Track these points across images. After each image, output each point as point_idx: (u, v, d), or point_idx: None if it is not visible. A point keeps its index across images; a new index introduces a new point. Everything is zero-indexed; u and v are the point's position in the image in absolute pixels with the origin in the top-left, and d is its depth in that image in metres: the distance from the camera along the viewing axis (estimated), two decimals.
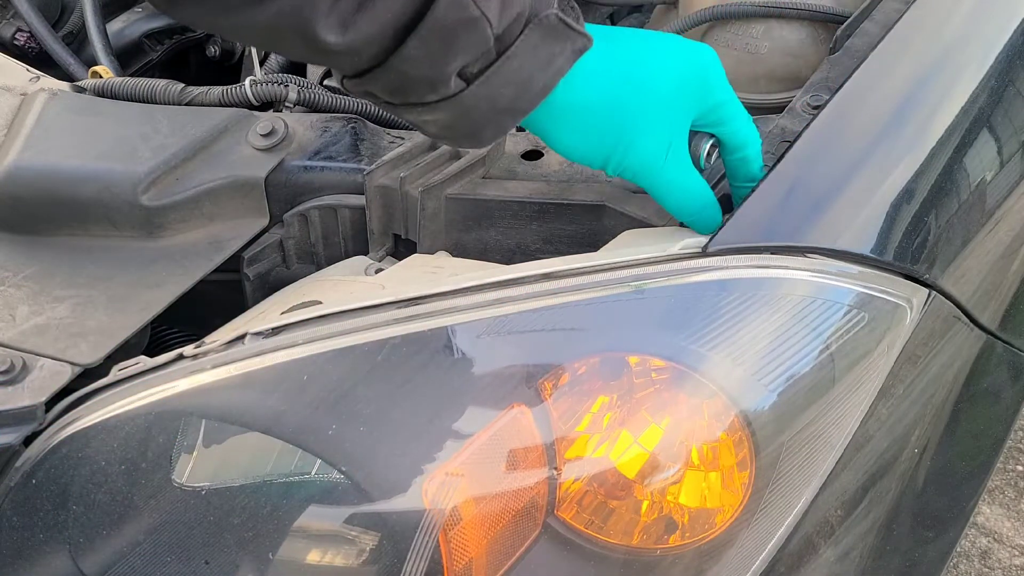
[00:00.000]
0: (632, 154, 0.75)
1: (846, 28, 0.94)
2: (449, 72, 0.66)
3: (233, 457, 0.71)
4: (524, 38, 0.67)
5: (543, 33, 0.68)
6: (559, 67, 0.70)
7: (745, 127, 0.79)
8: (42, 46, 1.31)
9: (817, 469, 0.74)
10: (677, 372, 0.69)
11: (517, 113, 0.71)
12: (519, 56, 0.67)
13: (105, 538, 0.71)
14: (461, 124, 0.70)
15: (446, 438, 0.67)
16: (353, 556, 0.67)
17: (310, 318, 0.73)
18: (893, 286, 0.77)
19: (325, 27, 0.61)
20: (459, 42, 0.64)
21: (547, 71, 0.69)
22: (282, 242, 0.97)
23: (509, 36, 0.66)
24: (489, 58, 0.67)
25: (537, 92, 0.70)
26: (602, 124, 0.74)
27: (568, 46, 0.70)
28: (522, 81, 0.68)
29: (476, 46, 0.65)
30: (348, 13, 0.61)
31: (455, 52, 0.65)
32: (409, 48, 0.64)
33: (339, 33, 0.62)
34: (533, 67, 0.68)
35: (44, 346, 0.82)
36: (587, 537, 0.69)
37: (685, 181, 0.77)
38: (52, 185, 0.92)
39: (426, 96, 0.67)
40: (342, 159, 0.96)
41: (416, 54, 0.64)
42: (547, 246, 0.88)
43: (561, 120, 0.74)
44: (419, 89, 0.67)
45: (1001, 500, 1.91)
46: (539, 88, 0.70)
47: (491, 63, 0.67)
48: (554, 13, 0.68)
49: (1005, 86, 0.90)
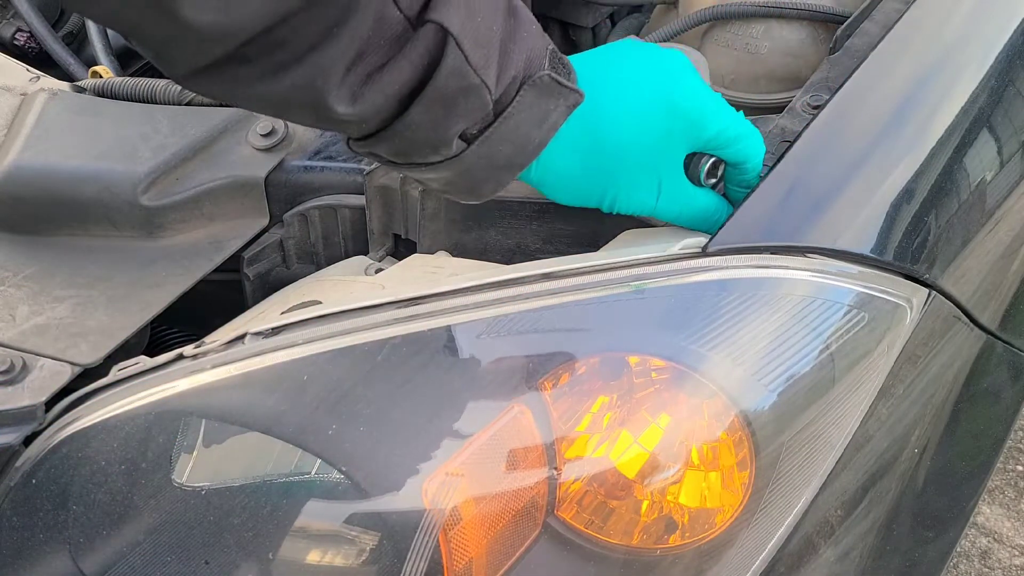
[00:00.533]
0: (621, 202, 0.78)
1: (846, 28, 0.94)
2: (451, 136, 0.69)
3: (233, 457, 0.71)
4: (520, 99, 0.70)
5: (537, 93, 0.70)
6: (554, 122, 0.72)
7: (740, 147, 0.78)
8: (42, 46, 1.31)
9: (817, 469, 0.74)
10: (677, 372, 0.69)
11: (515, 168, 0.73)
12: (515, 116, 0.70)
13: (105, 538, 0.71)
14: (462, 181, 0.73)
15: (446, 438, 0.67)
16: (353, 556, 0.67)
17: (310, 318, 0.73)
18: (893, 286, 0.77)
19: (336, 99, 0.63)
20: (460, 108, 0.67)
21: (542, 127, 0.72)
22: (282, 242, 0.97)
23: (506, 98, 0.69)
24: (488, 120, 0.70)
25: (533, 148, 0.73)
26: (583, 187, 0.77)
27: (561, 102, 0.72)
28: (519, 139, 0.71)
29: (476, 111, 0.68)
30: (357, 85, 0.64)
31: (456, 117, 0.68)
32: (413, 115, 0.66)
33: (349, 104, 0.64)
34: (529, 125, 0.71)
35: (44, 346, 0.82)
36: (587, 537, 0.69)
37: (682, 212, 0.78)
38: (52, 185, 0.92)
39: (429, 157, 0.70)
40: (342, 159, 0.96)
41: (420, 120, 0.67)
42: (547, 246, 0.88)
43: (545, 186, 0.78)
44: (422, 151, 0.70)
45: (1001, 500, 1.92)
46: (535, 144, 0.72)
47: (489, 124, 0.70)
48: (547, 74, 0.70)
49: (1005, 86, 0.90)
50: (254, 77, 0.63)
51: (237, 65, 0.62)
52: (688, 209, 0.78)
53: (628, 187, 0.76)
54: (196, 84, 0.65)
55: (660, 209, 0.78)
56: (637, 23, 1.33)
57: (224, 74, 0.62)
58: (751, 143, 0.78)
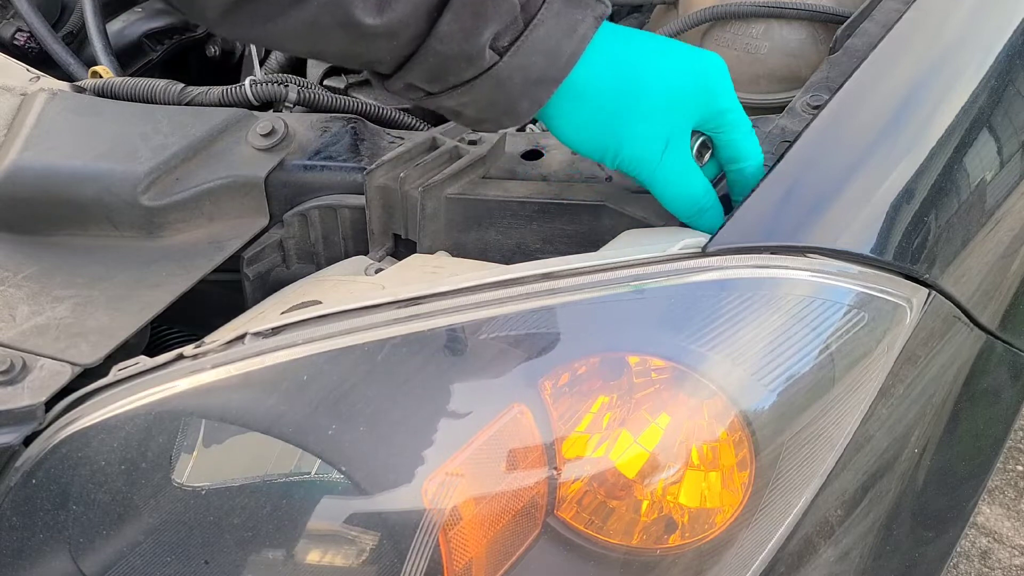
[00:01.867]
0: (627, 148, 0.77)
1: (846, 28, 0.94)
2: (482, 44, 0.70)
3: (233, 457, 0.71)
4: (547, 6, 0.71)
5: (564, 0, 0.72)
6: (583, 33, 0.74)
7: (744, 140, 0.80)
8: (42, 46, 1.31)
9: (817, 469, 0.74)
10: (677, 372, 0.69)
11: (550, 82, 0.74)
12: (545, 24, 0.71)
13: (105, 538, 0.71)
14: (499, 99, 0.74)
15: (446, 438, 0.67)
16: (353, 556, 0.67)
17: (310, 318, 0.73)
18: (893, 286, 0.77)
19: (363, 11, 0.65)
20: (488, 11, 0.69)
21: (572, 38, 0.73)
22: (282, 242, 0.97)
23: (533, 5, 0.71)
24: (517, 28, 0.71)
25: (566, 60, 0.74)
26: (600, 117, 0.77)
27: (588, 13, 0.74)
28: (550, 49, 0.72)
29: (504, 14, 0.69)
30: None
31: (485, 22, 0.69)
32: (443, 25, 0.68)
33: (376, 15, 0.66)
34: (559, 34, 0.72)
35: (44, 346, 0.82)
36: (587, 537, 0.69)
37: (681, 180, 0.78)
38: (52, 185, 0.92)
39: (464, 74, 0.71)
40: (342, 159, 0.96)
41: (450, 29, 0.68)
42: (547, 246, 0.88)
43: (564, 110, 0.77)
44: (456, 68, 0.71)
45: (1001, 500, 1.91)
46: (567, 56, 0.73)
47: (520, 33, 0.71)
48: None
49: (1005, 86, 0.90)
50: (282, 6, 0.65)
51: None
52: (683, 179, 0.78)
53: (640, 131, 0.77)
54: (229, 25, 0.67)
55: (661, 168, 0.78)
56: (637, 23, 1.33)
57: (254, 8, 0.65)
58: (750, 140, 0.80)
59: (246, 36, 0.70)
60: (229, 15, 0.66)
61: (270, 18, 0.66)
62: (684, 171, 0.78)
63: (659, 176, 0.78)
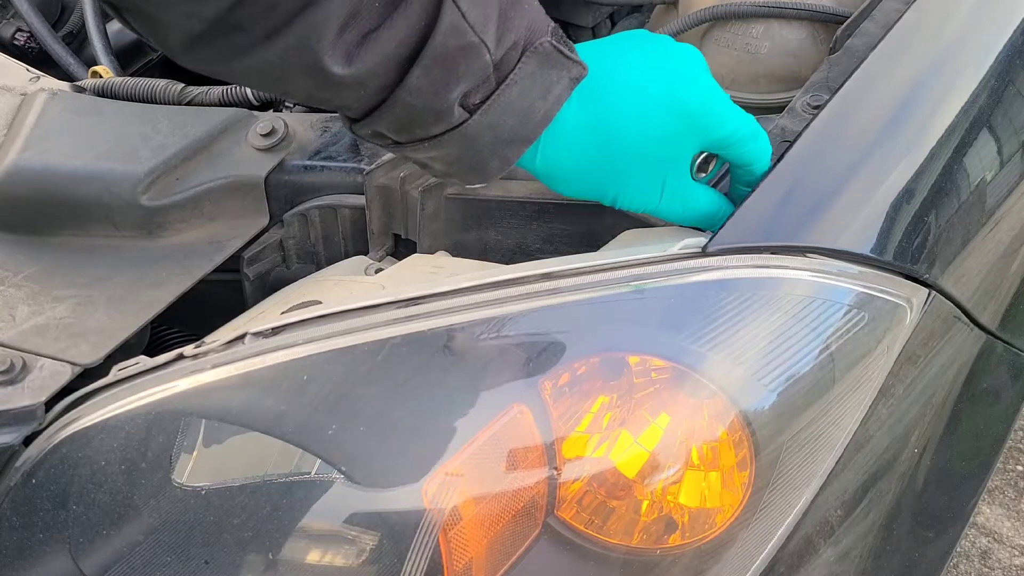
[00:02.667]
0: (623, 197, 0.77)
1: (846, 28, 0.94)
2: (452, 100, 0.68)
3: (233, 457, 0.71)
4: (522, 66, 0.69)
5: (539, 61, 0.70)
6: (558, 95, 0.71)
7: (751, 147, 0.77)
8: (42, 46, 1.31)
9: (817, 469, 0.74)
10: (677, 372, 0.69)
11: (520, 142, 0.72)
12: (518, 84, 0.69)
13: (105, 538, 0.71)
14: (467, 156, 0.72)
15: (446, 438, 0.67)
16: (353, 556, 0.67)
17: (310, 318, 0.73)
18: (893, 286, 0.77)
19: (331, 59, 0.63)
20: (460, 68, 0.67)
21: (547, 99, 0.71)
22: (282, 242, 0.97)
23: (507, 64, 0.69)
24: (490, 87, 0.69)
25: (538, 121, 0.71)
26: (588, 178, 0.76)
27: (565, 74, 0.71)
28: (523, 110, 0.70)
29: (476, 72, 0.67)
30: (353, 45, 0.64)
31: (457, 79, 0.67)
32: (412, 78, 0.66)
33: (345, 65, 0.64)
34: (533, 95, 0.70)
35: (44, 346, 0.81)
36: (587, 537, 0.69)
37: (688, 210, 0.78)
38: (52, 185, 0.92)
39: (431, 129, 0.69)
40: (342, 159, 0.96)
41: (419, 84, 0.66)
42: (547, 246, 0.88)
43: (548, 178, 0.77)
44: (424, 122, 0.69)
45: (1001, 500, 1.91)
46: (540, 116, 0.71)
47: (492, 92, 0.69)
48: (548, 41, 0.70)
49: (1005, 86, 0.90)
50: (249, 43, 0.62)
51: (230, 32, 0.62)
52: (690, 210, 0.78)
53: (632, 185, 0.76)
54: (193, 57, 0.64)
55: (662, 208, 0.77)
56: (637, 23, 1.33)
57: (219, 43, 0.63)
58: (759, 145, 0.78)
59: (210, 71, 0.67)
60: (192, 48, 0.63)
61: (235, 56, 0.64)
62: (687, 201, 0.77)
63: (663, 212, 0.78)
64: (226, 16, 0.61)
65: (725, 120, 0.76)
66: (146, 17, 0.62)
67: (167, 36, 0.63)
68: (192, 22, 0.61)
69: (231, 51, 0.63)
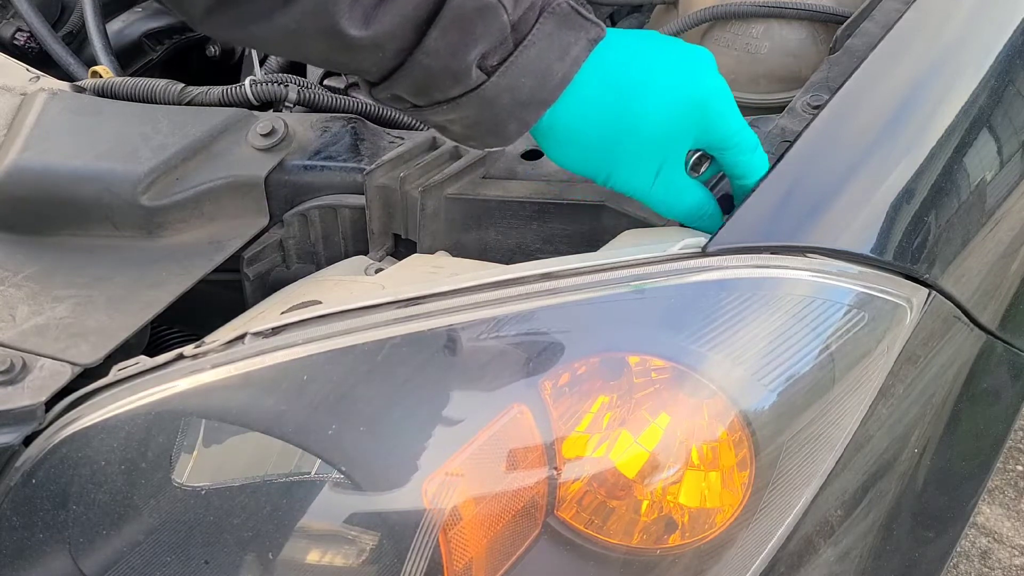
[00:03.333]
0: (618, 175, 0.77)
1: (846, 28, 0.94)
2: (470, 61, 0.68)
3: (233, 457, 0.71)
4: (539, 27, 0.69)
5: (557, 22, 0.70)
6: (576, 56, 0.71)
7: (747, 160, 0.78)
8: (42, 46, 1.31)
9: (817, 469, 0.74)
10: (677, 372, 0.69)
11: (539, 105, 0.72)
12: (536, 45, 0.69)
13: (105, 538, 0.71)
14: (485, 119, 0.72)
15: (446, 438, 0.67)
16: (353, 556, 0.67)
17: (310, 318, 0.73)
18: (893, 286, 0.77)
19: (348, 21, 0.64)
20: (477, 29, 0.67)
21: (564, 60, 0.71)
22: (282, 242, 0.97)
23: (524, 25, 0.69)
24: (507, 48, 0.69)
25: (557, 83, 0.71)
26: (592, 143, 0.76)
27: (583, 35, 0.71)
28: (541, 71, 0.70)
29: (494, 33, 0.67)
30: (370, 7, 0.64)
31: (474, 40, 0.67)
32: (430, 40, 0.66)
33: (362, 27, 0.64)
34: (550, 56, 0.70)
35: (44, 346, 0.81)
36: (587, 537, 0.69)
37: (675, 199, 0.78)
38: (52, 185, 0.92)
39: (450, 91, 0.69)
40: (342, 159, 0.96)
41: (437, 45, 0.66)
42: (547, 246, 0.88)
43: (555, 131, 0.76)
44: (443, 84, 0.69)
45: (1001, 500, 1.91)
46: (558, 78, 0.71)
47: (509, 53, 0.69)
48: (566, 2, 0.70)
49: (1005, 86, 0.90)
50: (268, 7, 0.63)
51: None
52: (679, 201, 0.78)
53: (629, 163, 0.76)
54: (213, 24, 0.65)
55: (653, 193, 0.77)
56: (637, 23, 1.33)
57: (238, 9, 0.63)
58: (755, 159, 0.78)
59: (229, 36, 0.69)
60: (212, 14, 0.64)
61: (253, 21, 0.64)
62: (677, 191, 0.78)
63: (652, 198, 0.78)
64: None
65: (730, 119, 0.76)
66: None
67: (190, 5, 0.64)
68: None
69: (249, 16, 0.64)
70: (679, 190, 0.78)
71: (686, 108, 0.75)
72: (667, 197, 0.78)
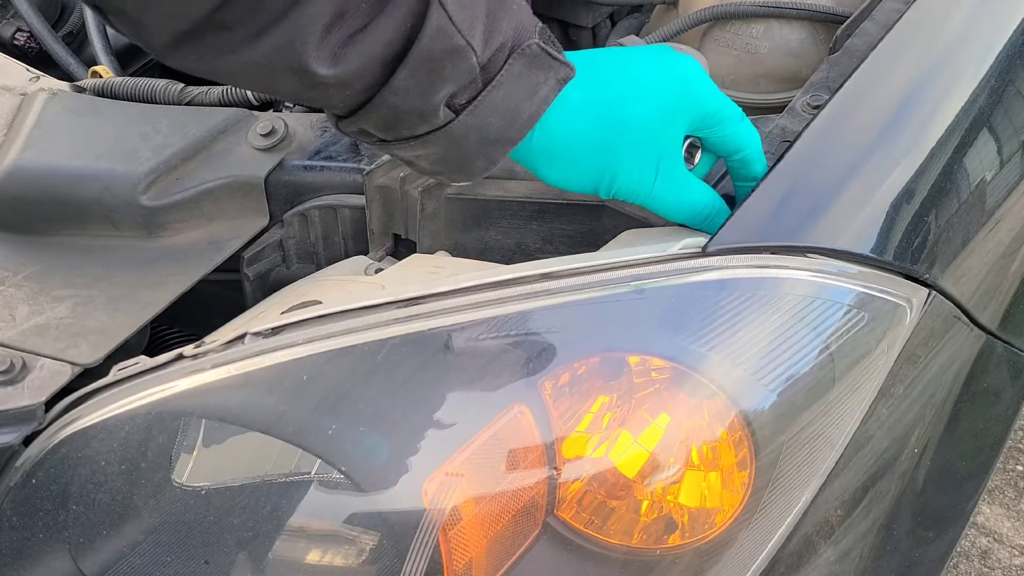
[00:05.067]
0: (618, 182, 0.76)
1: (846, 28, 0.94)
2: (437, 102, 0.68)
3: (233, 457, 0.71)
4: (508, 68, 0.69)
5: (526, 62, 0.70)
6: (544, 96, 0.71)
7: (738, 129, 0.79)
8: (42, 46, 1.31)
9: (817, 469, 0.74)
10: (677, 372, 0.69)
11: (505, 143, 0.72)
12: (504, 85, 0.69)
13: (105, 538, 0.71)
14: (452, 156, 0.72)
15: (446, 438, 0.67)
16: (353, 556, 0.67)
17: (310, 318, 0.73)
18: (893, 286, 0.77)
19: (316, 60, 0.63)
20: (446, 71, 0.66)
21: (533, 100, 0.71)
22: (282, 242, 0.97)
23: (494, 66, 0.69)
24: (476, 88, 0.69)
25: (524, 122, 0.71)
26: (584, 162, 0.76)
27: (551, 75, 0.71)
28: (509, 111, 0.70)
29: (462, 75, 0.67)
30: (338, 46, 0.63)
31: (443, 81, 0.67)
32: (398, 79, 0.65)
33: (330, 65, 0.63)
34: (519, 96, 0.70)
35: (44, 346, 0.82)
36: (587, 537, 0.69)
37: (682, 198, 0.78)
38: (52, 185, 0.92)
39: (416, 128, 0.69)
40: (342, 159, 0.96)
41: (405, 85, 0.66)
42: (547, 246, 0.88)
43: (545, 157, 0.76)
44: (409, 122, 0.69)
45: (1001, 500, 1.91)
46: (526, 118, 0.71)
47: (478, 93, 0.69)
48: (536, 43, 0.70)
49: (1005, 86, 0.90)
50: (235, 42, 0.62)
51: (216, 32, 0.62)
52: (684, 198, 0.78)
53: (629, 165, 0.76)
54: (179, 56, 0.64)
55: (656, 193, 0.77)
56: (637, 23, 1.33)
57: (205, 42, 0.62)
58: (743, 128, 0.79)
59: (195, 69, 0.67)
60: (178, 48, 0.63)
61: (220, 54, 0.63)
62: (680, 187, 0.77)
63: (656, 199, 0.77)
64: (212, 15, 0.61)
65: (713, 91, 0.78)
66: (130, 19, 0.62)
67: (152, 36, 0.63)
68: (178, 22, 0.61)
69: (216, 50, 0.63)
70: (682, 186, 0.77)
71: (674, 90, 0.75)
72: (672, 195, 0.77)
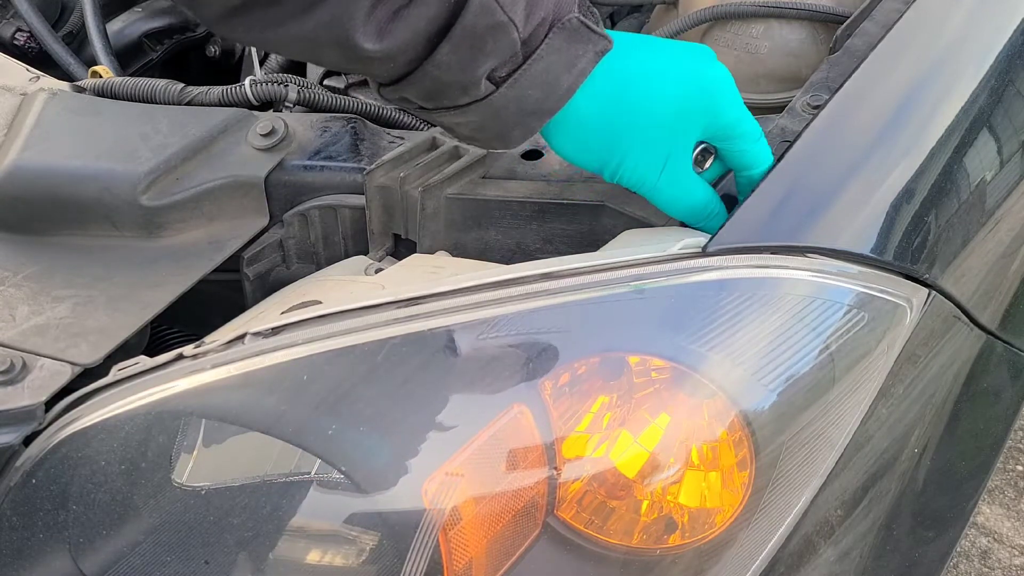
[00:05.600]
0: (625, 167, 0.77)
1: (846, 28, 0.94)
2: (479, 75, 0.69)
3: (233, 457, 0.71)
4: (549, 41, 0.71)
5: (566, 36, 0.71)
6: (582, 68, 0.73)
7: (754, 148, 0.79)
8: (42, 46, 1.31)
9: (817, 469, 0.74)
10: (677, 372, 0.69)
11: (544, 114, 0.74)
12: (545, 59, 0.71)
13: (105, 538, 0.71)
14: (491, 126, 0.74)
15: (446, 438, 0.67)
16: (353, 556, 0.67)
17: (310, 318, 0.73)
18: (893, 286, 0.77)
19: (363, 35, 0.65)
20: (488, 46, 0.68)
21: (571, 72, 0.72)
22: (282, 242, 0.97)
23: (535, 40, 0.70)
24: (516, 62, 0.70)
25: (562, 93, 0.73)
26: (597, 139, 0.77)
27: (590, 48, 0.73)
28: (548, 83, 0.72)
29: (504, 50, 0.69)
30: (384, 21, 0.65)
31: (485, 56, 0.68)
32: (441, 54, 0.67)
33: (376, 40, 0.66)
34: (558, 69, 0.72)
35: (44, 346, 0.82)
36: (587, 537, 0.69)
37: (681, 193, 0.78)
38: (52, 185, 0.92)
39: (458, 99, 0.71)
40: (342, 159, 0.96)
41: (448, 59, 0.68)
42: (547, 246, 0.88)
43: (564, 130, 0.77)
44: (451, 93, 0.71)
45: (1001, 500, 1.91)
46: (564, 89, 0.73)
47: (518, 66, 0.70)
48: (576, 16, 0.71)
49: (1005, 86, 0.90)
50: (283, 16, 0.65)
51: (266, 6, 0.64)
52: (684, 195, 0.78)
53: (637, 152, 0.76)
54: (228, 27, 0.67)
55: (660, 185, 0.77)
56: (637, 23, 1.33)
57: (254, 16, 0.65)
58: (759, 148, 0.79)
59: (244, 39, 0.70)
60: (228, 19, 0.66)
61: (268, 27, 0.66)
62: (683, 185, 0.78)
63: (658, 192, 0.78)
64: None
65: (736, 105, 0.78)
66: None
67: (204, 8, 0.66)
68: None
69: (265, 23, 0.65)
70: (685, 185, 0.78)
71: (694, 92, 0.76)
72: (673, 192, 0.78)
